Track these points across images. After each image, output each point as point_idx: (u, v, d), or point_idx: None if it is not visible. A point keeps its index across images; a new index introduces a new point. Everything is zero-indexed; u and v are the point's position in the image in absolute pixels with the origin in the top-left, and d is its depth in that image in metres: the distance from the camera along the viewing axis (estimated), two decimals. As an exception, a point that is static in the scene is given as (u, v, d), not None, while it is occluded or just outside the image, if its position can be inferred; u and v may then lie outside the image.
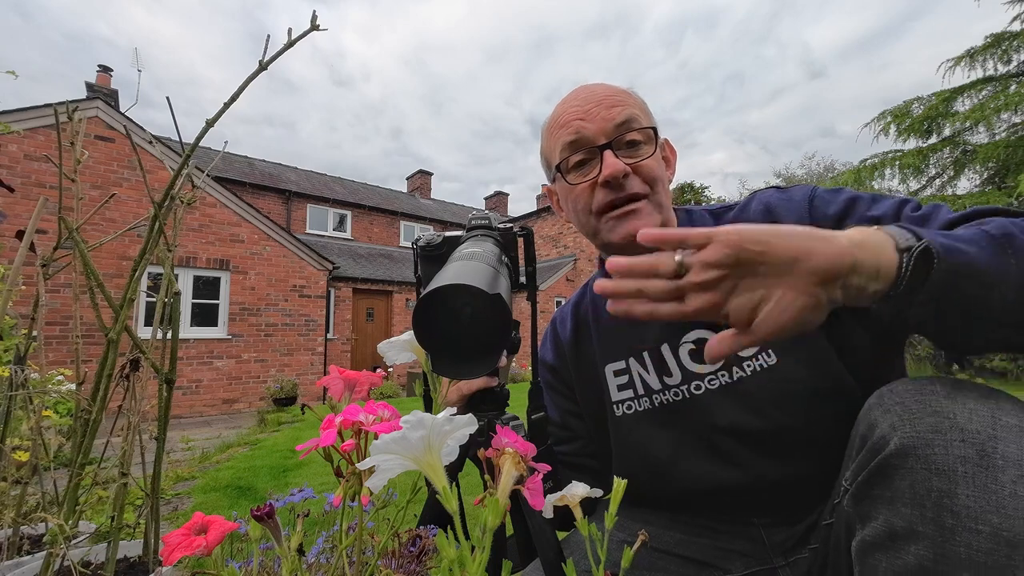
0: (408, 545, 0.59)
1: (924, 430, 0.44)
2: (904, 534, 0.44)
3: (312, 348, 9.08)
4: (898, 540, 0.44)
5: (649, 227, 0.72)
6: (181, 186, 1.01)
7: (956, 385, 0.47)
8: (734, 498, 0.72)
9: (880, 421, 0.48)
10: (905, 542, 0.43)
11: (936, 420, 0.44)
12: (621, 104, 0.75)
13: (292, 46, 0.86)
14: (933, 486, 0.42)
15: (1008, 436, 0.42)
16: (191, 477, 3.59)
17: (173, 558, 0.42)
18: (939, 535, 0.41)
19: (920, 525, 0.42)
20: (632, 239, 0.72)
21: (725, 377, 0.73)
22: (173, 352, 1.02)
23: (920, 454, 0.43)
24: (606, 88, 0.78)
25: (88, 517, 1.17)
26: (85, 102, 6.92)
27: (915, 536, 0.43)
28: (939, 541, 0.41)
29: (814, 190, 0.73)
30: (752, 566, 0.71)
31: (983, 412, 0.44)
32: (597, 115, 0.74)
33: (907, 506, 0.43)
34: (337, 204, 14.87)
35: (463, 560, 0.35)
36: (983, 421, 0.43)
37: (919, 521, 0.43)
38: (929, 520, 0.42)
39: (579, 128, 0.74)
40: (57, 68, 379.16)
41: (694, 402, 0.75)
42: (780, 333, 0.44)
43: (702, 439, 0.74)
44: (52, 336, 6.05)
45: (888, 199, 0.67)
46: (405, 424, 0.36)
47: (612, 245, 0.76)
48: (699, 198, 17.33)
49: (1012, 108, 6.78)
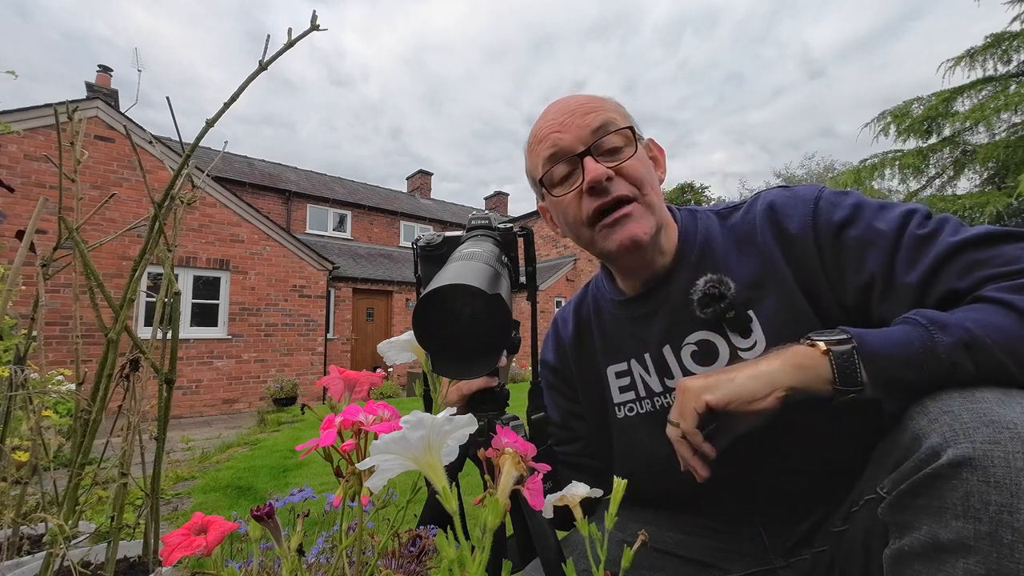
0: (408, 545, 0.59)
1: (981, 440, 0.42)
2: (952, 547, 0.42)
3: (312, 348, 9.08)
4: (944, 552, 0.43)
5: (643, 230, 0.72)
6: (181, 186, 1.01)
7: (1007, 393, 0.46)
8: (735, 499, 0.72)
9: (928, 431, 0.46)
10: (953, 555, 0.42)
11: (993, 431, 0.42)
12: (595, 110, 0.74)
13: (292, 46, 0.86)
14: (991, 499, 0.41)
15: None
16: (191, 477, 3.59)
17: (173, 558, 0.42)
18: (994, 551, 0.40)
19: (973, 539, 0.41)
20: (628, 245, 0.72)
21: None
22: (173, 352, 1.02)
23: (977, 465, 0.42)
24: (580, 98, 0.77)
25: (88, 517, 1.17)
26: (85, 102, 6.92)
27: (966, 550, 0.41)
28: (994, 557, 0.40)
29: (821, 191, 0.71)
30: (752, 566, 0.71)
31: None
32: (572, 124, 0.73)
33: (959, 519, 0.42)
34: (337, 204, 14.87)
35: (463, 560, 0.35)
36: None
37: (972, 535, 0.41)
38: (984, 535, 0.41)
39: (556, 140, 0.74)
40: (56, 68, 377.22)
41: None
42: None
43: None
44: (52, 336, 6.05)
45: (895, 208, 0.65)
46: (405, 424, 0.36)
47: (610, 253, 0.75)
48: (699, 198, 17.33)
49: (1012, 108, 6.78)
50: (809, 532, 0.69)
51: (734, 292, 0.70)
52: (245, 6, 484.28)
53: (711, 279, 0.72)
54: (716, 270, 0.73)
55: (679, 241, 0.78)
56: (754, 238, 0.73)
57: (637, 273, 0.80)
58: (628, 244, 0.72)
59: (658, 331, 0.78)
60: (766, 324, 0.70)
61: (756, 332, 0.70)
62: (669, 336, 0.77)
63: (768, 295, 0.70)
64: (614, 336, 0.85)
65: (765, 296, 0.70)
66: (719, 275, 0.72)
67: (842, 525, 0.63)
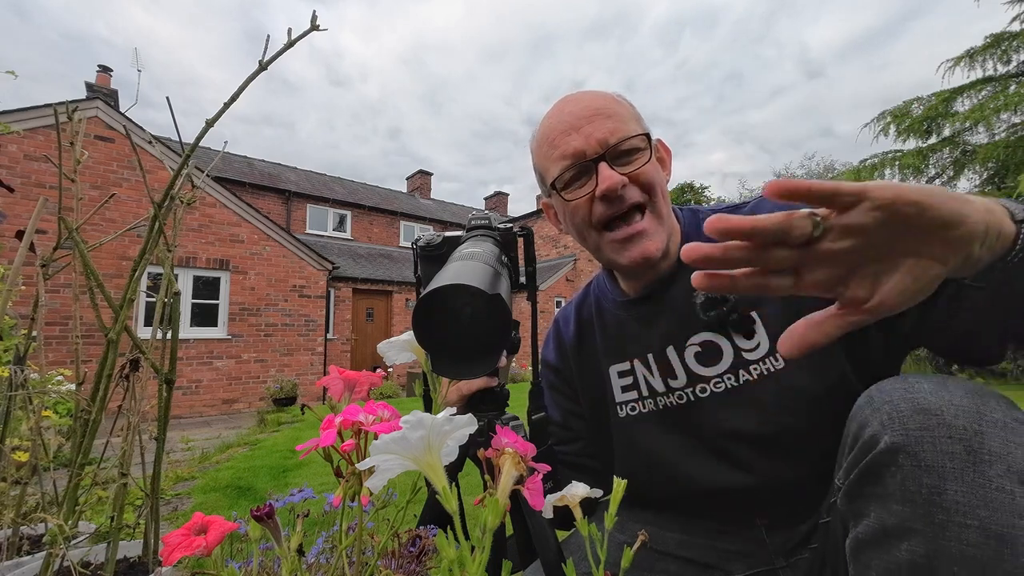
0: (408, 545, 0.59)
1: (913, 428, 0.44)
2: (896, 531, 0.44)
3: (312, 348, 9.08)
4: (890, 537, 0.44)
5: (656, 247, 0.72)
6: (181, 186, 1.01)
7: (942, 382, 0.48)
8: (737, 500, 0.72)
9: (871, 420, 0.48)
10: (897, 539, 0.44)
11: (924, 418, 0.45)
12: (611, 114, 0.73)
13: (292, 46, 0.86)
14: (923, 483, 0.43)
15: (993, 431, 0.43)
16: (191, 477, 3.59)
17: (173, 558, 0.42)
18: (930, 531, 0.42)
19: (912, 522, 0.43)
20: (641, 263, 0.72)
21: (732, 381, 0.72)
22: (173, 352, 1.02)
23: (910, 451, 0.44)
24: (593, 98, 0.76)
25: (88, 517, 1.17)
26: (85, 102, 6.92)
27: (907, 533, 0.43)
28: (931, 537, 0.42)
29: None
30: (753, 567, 0.71)
31: (969, 408, 0.44)
32: (588, 128, 0.72)
33: (899, 503, 0.44)
34: (337, 204, 14.87)
35: (463, 560, 0.35)
36: (969, 417, 0.44)
37: (911, 518, 0.43)
38: (920, 516, 0.42)
39: (571, 143, 0.73)
40: (55, 68, 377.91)
41: (699, 405, 0.75)
42: (904, 305, 0.38)
43: (706, 442, 0.74)
44: (52, 336, 6.05)
45: None
46: (405, 424, 0.36)
47: (620, 267, 0.75)
48: (699, 198, 17.33)
49: (1012, 108, 6.79)
50: (809, 532, 0.69)
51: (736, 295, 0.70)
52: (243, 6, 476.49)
53: None
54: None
55: (682, 243, 0.78)
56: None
57: (641, 276, 0.80)
58: (641, 262, 0.72)
59: (661, 332, 0.78)
60: (769, 325, 0.70)
61: (760, 333, 0.70)
62: (673, 337, 0.77)
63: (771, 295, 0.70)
64: (616, 336, 0.85)
65: (768, 296, 0.70)
66: None
67: (827, 516, 0.63)
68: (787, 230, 0.36)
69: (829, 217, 0.36)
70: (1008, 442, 0.42)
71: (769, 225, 0.36)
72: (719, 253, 0.37)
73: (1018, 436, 0.43)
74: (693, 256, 0.37)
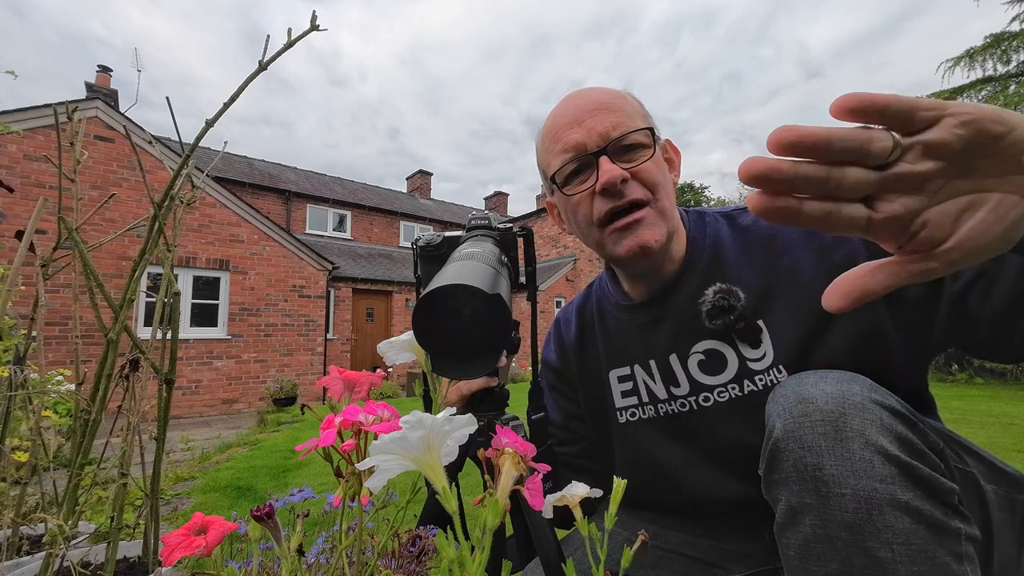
0: (408, 545, 0.59)
1: (797, 415, 0.51)
2: (799, 508, 0.49)
3: (312, 348, 9.08)
4: (796, 515, 0.50)
5: (654, 237, 0.70)
6: (181, 186, 1.01)
7: (824, 374, 0.54)
8: (740, 508, 0.72)
9: (771, 412, 0.55)
10: (801, 516, 0.49)
11: (804, 406, 0.51)
12: (616, 109, 0.72)
13: (292, 46, 0.86)
14: (808, 462, 0.49)
15: (853, 412, 0.49)
16: (191, 477, 3.59)
17: (173, 558, 0.42)
18: (820, 504, 0.48)
19: (806, 497, 0.49)
20: (638, 251, 0.70)
21: (736, 390, 0.71)
22: (173, 352, 1.02)
23: (795, 436, 0.50)
24: (599, 93, 0.75)
25: (88, 517, 1.17)
26: (85, 102, 6.91)
27: (806, 508, 0.49)
28: (821, 509, 0.48)
29: None
30: (754, 567, 0.71)
31: (835, 394, 0.51)
32: (591, 122, 0.71)
33: (796, 483, 0.50)
34: (337, 204, 14.86)
35: (463, 560, 0.35)
36: (836, 402, 0.50)
37: (805, 493, 0.49)
38: (810, 491, 0.48)
39: (572, 137, 0.72)
40: (53, 68, 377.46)
41: (702, 414, 0.73)
42: (979, 255, 0.32)
43: (709, 451, 0.73)
44: (52, 336, 6.04)
45: None
46: (405, 424, 0.36)
47: (619, 258, 0.73)
48: (699, 198, 17.31)
49: (1012, 108, 6.79)
50: None
51: (743, 303, 0.69)
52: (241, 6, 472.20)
53: (720, 289, 0.71)
54: (725, 278, 0.72)
55: (688, 247, 0.77)
56: (773, 243, 0.71)
57: (645, 278, 0.78)
58: (638, 250, 0.70)
59: (664, 339, 0.77)
60: (776, 334, 0.68)
61: (766, 343, 0.69)
62: (676, 344, 0.76)
63: (779, 304, 0.69)
64: (617, 340, 0.84)
65: (776, 305, 0.69)
66: (728, 285, 0.71)
67: None
68: (867, 142, 0.31)
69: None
70: (865, 420, 0.49)
71: (848, 135, 0.30)
72: (787, 168, 0.30)
73: (871, 414, 0.49)
74: (754, 171, 0.30)
